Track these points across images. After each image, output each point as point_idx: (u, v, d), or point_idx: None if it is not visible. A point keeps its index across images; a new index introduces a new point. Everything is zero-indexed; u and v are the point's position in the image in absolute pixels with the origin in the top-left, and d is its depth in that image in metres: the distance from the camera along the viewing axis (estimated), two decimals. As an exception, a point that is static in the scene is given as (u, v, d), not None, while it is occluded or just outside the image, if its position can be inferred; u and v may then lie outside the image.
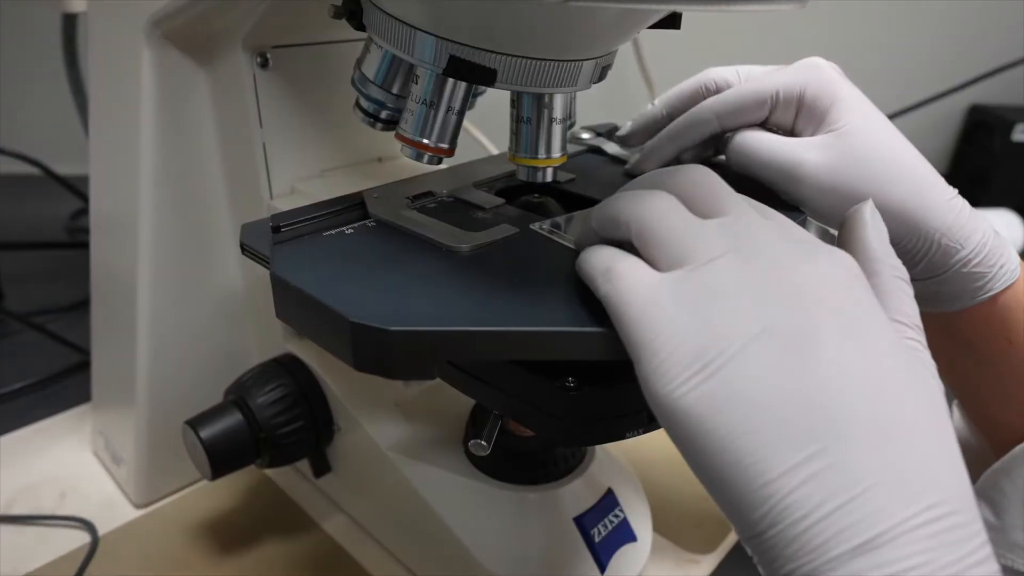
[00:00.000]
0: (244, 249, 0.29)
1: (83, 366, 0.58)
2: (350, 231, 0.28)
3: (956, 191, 0.31)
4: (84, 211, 0.89)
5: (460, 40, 0.26)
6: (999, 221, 0.90)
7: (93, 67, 0.42)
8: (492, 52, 0.26)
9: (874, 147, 0.30)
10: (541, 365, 0.25)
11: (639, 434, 0.27)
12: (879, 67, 1.09)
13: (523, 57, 0.26)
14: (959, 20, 1.07)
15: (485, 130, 0.75)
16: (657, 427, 0.27)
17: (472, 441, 0.28)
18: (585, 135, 0.40)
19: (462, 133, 0.29)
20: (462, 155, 0.33)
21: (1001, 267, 0.31)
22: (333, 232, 0.28)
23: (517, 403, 0.26)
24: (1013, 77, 1.07)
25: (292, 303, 0.24)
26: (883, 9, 1.05)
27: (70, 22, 0.64)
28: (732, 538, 0.45)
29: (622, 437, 0.26)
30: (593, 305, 0.23)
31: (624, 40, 0.28)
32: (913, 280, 0.25)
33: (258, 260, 0.28)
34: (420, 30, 0.26)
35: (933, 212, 0.30)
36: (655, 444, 0.51)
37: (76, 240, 0.85)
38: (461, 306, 0.23)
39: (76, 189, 0.78)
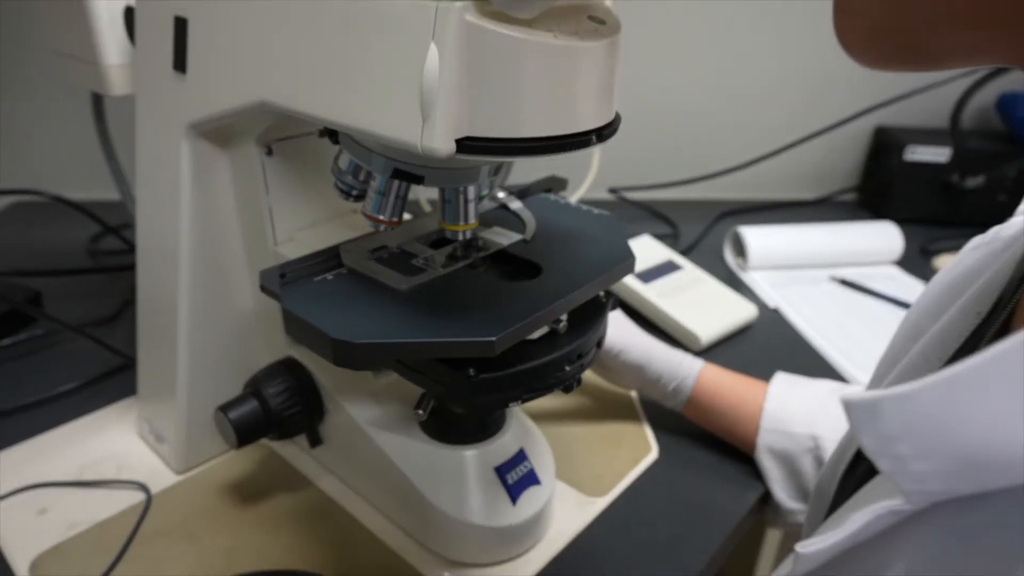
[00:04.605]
0: (263, 288, 0.44)
1: (122, 368, 0.73)
2: (331, 276, 0.44)
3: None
4: (103, 234, 1.03)
5: (399, 159, 0.41)
6: (880, 233, 1.06)
7: (140, 150, 0.57)
8: (421, 165, 0.41)
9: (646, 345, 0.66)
10: (458, 360, 0.41)
11: (520, 404, 0.42)
12: (800, 91, 1.26)
13: (439, 168, 0.41)
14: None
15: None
16: (533, 398, 0.43)
17: (414, 411, 0.43)
18: (501, 194, 0.56)
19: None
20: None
21: (689, 368, 0.65)
22: (318, 278, 0.44)
23: (439, 386, 0.42)
24: (910, 103, 1.23)
25: (296, 325, 0.40)
26: (804, 40, 1.19)
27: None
28: (622, 485, 0.61)
29: (506, 406, 0.42)
30: (483, 320, 0.38)
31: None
32: (666, 400, 0.66)
33: (272, 296, 0.43)
34: (374, 152, 0.42)
35: (668, 365, 0.65)
36: (571, 416, 0.68)
37: (99, 264, 0.99)
38: (399, 326, 0.38)
39: (92, 214, 0.93)
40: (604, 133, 0.37)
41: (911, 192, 1.22)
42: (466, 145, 0.34)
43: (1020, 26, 0.21)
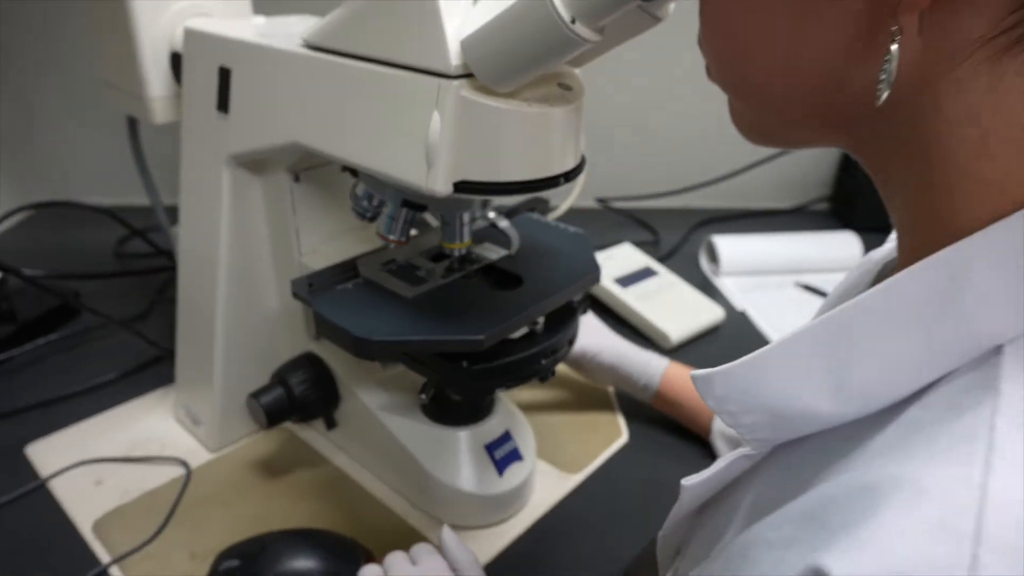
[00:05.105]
0: (295, 295, 0.54)
1: (155, 361, 0.82)
2: (351, 286, 0.54)
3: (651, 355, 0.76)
4: (129, 237, 1.12)
5: (408, 192, 0.51)
6: (842, 242, 1.15)
7: (184, 176, 0.66)
8: (424, 196, 0.51)
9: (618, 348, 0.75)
10: (454, 353, 0.50)
11: (505, 390, 0.52)
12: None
13: (440, 199, 0.51)
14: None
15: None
16: (515, 386, 0.53)
17: (417, 396, 0.53)
18: (491, 214, 0.65)
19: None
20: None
21: (656, 366, 0.73)
22: (340, 287, 0.53)
23: (438, 376, 0.51)
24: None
25: (325, 325, 0.49)
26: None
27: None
28: (595, 464, 0.71)
29: (493, 392, 0.52)
30: (474, 322, 0.48)
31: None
32: (637, 394, 0.75)
33: (303, 302, 0.53)
34: (388, 185, 0.51)
35: (638, 364, 0.74)
36: (554, 406, 0.77)
37: (127, 267, 1.08)
38: (407, 326, 0.48)
39: (121, 219, 1.02)
40: (571, 175, 0.47)
41: (877, 203, 1.30)
42: (461, 187, 0.43)
43: (839, 129, 0.31)
